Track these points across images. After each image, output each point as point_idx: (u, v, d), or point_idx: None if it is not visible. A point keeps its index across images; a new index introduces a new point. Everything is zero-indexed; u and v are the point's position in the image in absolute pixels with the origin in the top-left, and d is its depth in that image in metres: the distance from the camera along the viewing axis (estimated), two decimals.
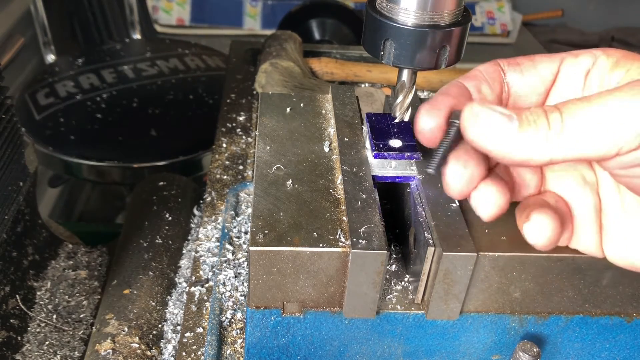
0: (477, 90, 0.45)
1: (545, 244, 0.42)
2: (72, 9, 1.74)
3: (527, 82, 0.46)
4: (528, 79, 0.46)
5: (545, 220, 0.41)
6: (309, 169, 0.52)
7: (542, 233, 0.41)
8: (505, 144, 0.38)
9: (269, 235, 0.45)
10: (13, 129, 0.70)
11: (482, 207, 0.42)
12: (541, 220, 0.42)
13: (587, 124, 0.37)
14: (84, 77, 1.42)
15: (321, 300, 0.47)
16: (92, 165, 1.24)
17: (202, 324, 0.60)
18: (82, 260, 0.80)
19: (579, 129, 0.37)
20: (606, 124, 0.36)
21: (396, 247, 0.55)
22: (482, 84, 0.45)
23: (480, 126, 0.39)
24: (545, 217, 0.42)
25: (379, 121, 0.54)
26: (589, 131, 0.37)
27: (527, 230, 0.42)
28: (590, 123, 0.36)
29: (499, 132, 0.38)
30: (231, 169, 0.80)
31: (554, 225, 0.42)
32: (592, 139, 0.37)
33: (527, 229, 0.42)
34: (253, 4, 2.46)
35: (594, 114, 0.37)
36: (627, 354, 0.53)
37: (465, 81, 0.45)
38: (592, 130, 0.36)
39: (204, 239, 0.70)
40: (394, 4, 0.47)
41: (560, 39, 2.68)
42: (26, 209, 0.74)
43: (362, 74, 0.98)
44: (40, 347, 0.67)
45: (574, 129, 0.37)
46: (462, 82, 0.45)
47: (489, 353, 0.52)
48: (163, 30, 2.38)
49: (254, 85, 0.96)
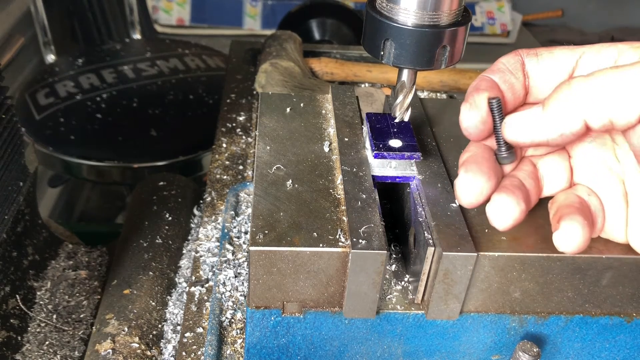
0: (503, 81, 0.46)
1: (575, 251, 0.42)
2: (72, 9, 1.74)
3: (544, 72, 0.46)
4: (545, 69, 0.46)
5: (576, 228, 0.42)
6: (309, 169, 0.52)
7: (572, 241, 0.42)
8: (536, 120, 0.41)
9: (269, 235, 0.45)
10: (13, 129, 0.70)
11: (496, 218, 0.43)
12: (571, 228, 0.42)
13: (614, 89, 0.38)
14: (84, 77, 1.42)
15: (321, 300, 0.47)
16: (92, 165, 1.24)
17: (202, 324, 0.60)
18: (82, 260, 0.80)
19: (607, 93, 0.38)
20: (630, 89, 0.37)
21: (396, 247, 0.55)
22: (507, 74, 0.46)
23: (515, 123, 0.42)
24: (575, 224, 0.42)
25: (379, 121, 0.54)
26: (615, 96, 0.38)
27: (557, 239, 0.42)
28: (617, 88, 0.38)
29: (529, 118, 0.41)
30: (231, 169, 0.80)
31: (584, 232, 0.42)
32: (618, 103, 0.37)
33: (558, 237, 0.42)
34: (253, 4, 2.46)
35: (622, 80, 0.38)
36: (627, 354, 0.53)
37: (491, 74, 0.46)
38: (618, 95, 0.38)
39: (204, 239, 0.70)
40: (394, 4, 0.47)
41: (560, 39, 2.68)
42: (26, 209, 0.74)
43: (362, 74, 0.98)
44: (40, 347, 0.67)
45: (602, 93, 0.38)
46: (488, 76, 0.46)
47: (489, 353, 0.52)
48: (163, 30, 2.38)
49: (254, 85, 0.96)
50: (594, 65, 0.45)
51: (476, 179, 0.43)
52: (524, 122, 0.42)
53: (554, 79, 0.46)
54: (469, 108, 0.45)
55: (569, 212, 0.43)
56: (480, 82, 0.46)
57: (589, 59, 0.45)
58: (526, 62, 0.47)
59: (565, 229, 0.42)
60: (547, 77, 0.46)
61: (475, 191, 0.43)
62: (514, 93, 0.47)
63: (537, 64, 0.46)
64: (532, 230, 0.48)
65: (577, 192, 0.46)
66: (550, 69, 0.46)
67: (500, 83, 0.46)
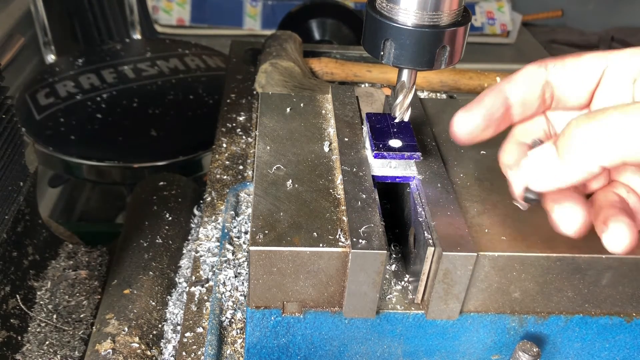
0: (514, 94, 0.47)
1: (625, 252, 0.42)
2: (72, 9, 1.74)
3: (570, 80, 0.47)
4: (571, 77, 0.47)
5: (624, 229, 0.42)
6: (309, 169, 0.52)
7: (621, 242, 0.42)
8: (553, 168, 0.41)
9: (269, 235, 0.45)
10: (13, 129, 0.70)
11: (565, 223, 0.43)
12: (619, 229, 0.42)
13: (623, 133, 0.38)
14: (84, 77, 1.42)
15: (321, 300, 0.47)
16: (92, 165, 1.24)
17: (202, 323, 0.60)
18: (82, 260, 0.80)
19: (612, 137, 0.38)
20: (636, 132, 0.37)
21: (396, 247, 0.55)
22: (521, 86, 0.47)
23: (534, 173, 0.43)
24: (622, 225, 0.42)
25: (379, 121, 0.54)
26: (625, 139, 0.38)
27: (606, 241, 0.42)
28: (625, 132, 0.38)
29: (542, 163, 0.42)
30: (231, 169, 0.80)
31: (632, 232, 0.42)
32: (633, 144, 0.38)
33: (607, 239, 0.42)
34: (253, 4, 2.46)
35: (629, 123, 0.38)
36: (627, 354, 0.53)
37: (505, 84, 0.47)
38: (628, 139, 0.38)
39: (204, 239, 0.70)
40: (394, 4, 0.47)
41: (560, 39, 2.68)
42: (26, 209, 0.74)
43: (362, 74, 0.98)
44: (40, 347, 0.67)
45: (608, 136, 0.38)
46: (502, 88, 0.47)
47: (489, 353, 0.52)
48: (163, 30, 2.38)
49: (254, 85, 0.96)
50: (620, 78, 0.45)
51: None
52: (542, 171, 0.43)
53: (581, 89, 0.47)
54: (462, 115, 0.47)
55: (614, 213, 0.43)
56: (486, 97, 0.47)
57: (616, 70, 0.45)
58: (550, 72, 0.47)
59: (614, 231, 0.42)
60: (573, 85, 0.47)
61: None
62: (524, 105, 0.47)
63: (563, 72, 0.47)
64: (532, 230, 0.48)
65: (617, 190, 0.46)
66: (577, 78, 0.47)
67: (510, 95, 0.47)
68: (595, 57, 0.46)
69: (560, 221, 0.43)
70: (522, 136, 0.49)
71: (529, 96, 0.47)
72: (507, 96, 0.47)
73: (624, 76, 0.45)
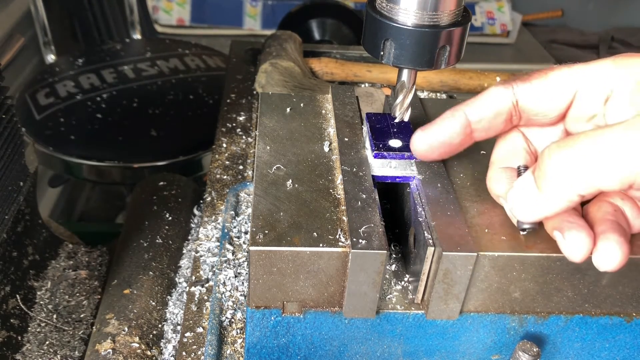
0: (476, 113, 0.47)
1: (615, 270, 0.42)
2: (72, 9, 1.74)
3: (538, 101, 0.46)
4: (539, 97, 0.46)
5: (612, 248, 0.41)
6: (309, 169, 0.52)
7: (611, 261, 0.41)
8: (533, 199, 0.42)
9: (269, 235, 0.45)
10: (13, 129, 0.70)
11: (572, 252, 0.42)
12: (608, 249, 0.41)
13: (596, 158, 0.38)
14: (84, 77, 1.42)
15: (321, 300, 0.47)
16: (92, 165, 1.24)
17: (202, 323, 0.60)
18: (82, 260, 0.80)
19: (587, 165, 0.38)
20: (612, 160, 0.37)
21: (396, 247, 0.55)
22: (485, 112, 0.47)
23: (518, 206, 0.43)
24: (611, 243, 0.41)
25: (379, 121, 0.54)
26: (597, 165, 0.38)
27: (596, 260, 0.42)
28: (596, 160, 0.38)
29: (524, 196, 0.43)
30: (231, 169, 0.80)
31: (622, 250, 0.41)
32: (603, 173, 0.38)
33: (596, 259, 0.42)
34: (253, 4, 2.46)
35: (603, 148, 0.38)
36: (627, 354, 0.53)
37: (467, 109, 0.47)
38: (599, 167, 0.38)
39: (204, 239, 0.70)
40: (394, 4, 0.47)
41: (560, 39, 2.68)
42: (26, 209, 0.74)
43: (362, 74, 0.98)
44: (40, 347, 0.67)
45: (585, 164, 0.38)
46: (463, 111, 0.47)
47: (489, 353, 0.52)
48: (163, 30, 2.38)
49: (254, 85, 0.96)
50: (591, 96, 0.45)
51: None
52: (525, 203, 0.43)
53: (551, 108, 0.46)
54: (422, 134, 0.48)
55: (604, 230, 0.42)
56: (446, 121, 0.47)
57: (587, 90, 0.45)
58: (517, 93, 0.46)
59: (603, 250, 0.41)
60: (542, 105, 0.47)
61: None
62: (488, 128, 0.48)
63: (531, 92, 0.46)
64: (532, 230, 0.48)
65: (610, 199, 0.46)
66: (545, 98, 0.46)
67: (472, 119, 0.47)
68: (562, 75, 0.45)
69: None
70: (503, 162, 0.49)
71: (493, 119, 0.47)
72: (469, 120, 0.47)
73: (595, 94, 0.45)
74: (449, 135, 0.47)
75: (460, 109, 0.47)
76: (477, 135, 0.48)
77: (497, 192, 0.48)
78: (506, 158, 0.49)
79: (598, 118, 0.45)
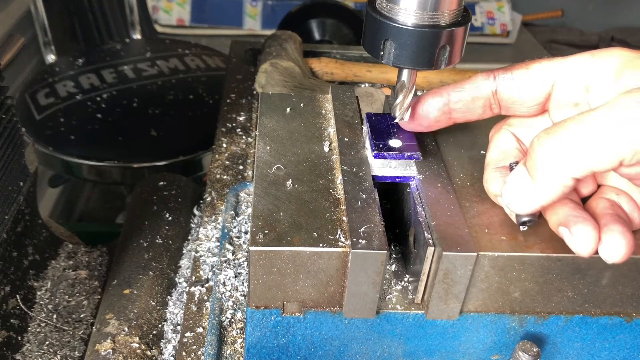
0: (458, 99, 0.50)
1: (623, 260, 0.42)
2: (72, 9, 1.74)
3: (519, 92, 0.48)
4: (520, 88, 0.48)
5: (617, 239, 0.42)
6: (309, 169, 0.52)
7: (617, 252, 0.42)
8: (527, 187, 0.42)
9: (269, 235, 0.45)
10: (13, 129, 0.70)
11: (580, 247, 0.42)
12: (613, 240, 0.42)
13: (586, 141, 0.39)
14: (84, 77, 1.42)
15: (321, 300, 0.47)
16: (92, 165, 1.24)
17: (202, 323, 0.60)
18: (82, 260, 0.80)
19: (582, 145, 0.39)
20: (602, 141, 0.38)
21: (396, 247, 0.55)
22: (465, 96, 0.50)
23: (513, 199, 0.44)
24: (615, 234, 0.42)
25: (379, 121, 0.54)
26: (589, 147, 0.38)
27: (602, 252, 0.42)
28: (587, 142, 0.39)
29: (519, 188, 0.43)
30: (231, 169, 0.80)
31: (626, 239, 0.42)
32: (593, 152, 0.38)
33: (603, 251, 0.42)
34: (253, 4, 2.46)
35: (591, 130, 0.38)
36: (627, 354, 0.53)
37: (452, 92, 0.50)
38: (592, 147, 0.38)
39: (204, 239, 0.70)
40: (394, 4, 0.47)
41: (559, 39, 2.68)
42: (26, 209, 0.74)
43: (362, 74, 0.98)
44: (40, 347, 0.67)
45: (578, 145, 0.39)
46: (445, 92, 0.50)
47: (489, 353, 0.52)
48: (163, 30, 2.38)
49: (254, 85, 0.96)
50: (572, 86, 0.46)
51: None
52: (520, 194, 0.43)
53: (531, 99, 0.48)
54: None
55: (606, 222, 0.43)
56: (431, 94, 0.51)
57: (566, 80, 0.46)
58: (499, 82, 0.49)
59: (608, 242, 0.42)
60: (523, 96, 0.48)
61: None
62: (466, 111, 0.50)
63: (512, 83, 0.48)
64: (532, 230, 0.48)
65: (607, 196, 0.46)
66: (526, 90, 0.48)
67: (452, 100, 0.50)
68: (543, 67, 0.47)
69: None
70: (497, 163, 0.50)
71: (471, 103, 0.50)
72: (449, 99, 0.50)
73: (576, 84, 0.46)
74: (427, 109, 0.51)
75: (444, 89, 0.51)
76: (455, 116, 0.51)
77: (494, 192, 0.49)
78: (500, 159, 0.50)
79: (582, 106, 0.46)
